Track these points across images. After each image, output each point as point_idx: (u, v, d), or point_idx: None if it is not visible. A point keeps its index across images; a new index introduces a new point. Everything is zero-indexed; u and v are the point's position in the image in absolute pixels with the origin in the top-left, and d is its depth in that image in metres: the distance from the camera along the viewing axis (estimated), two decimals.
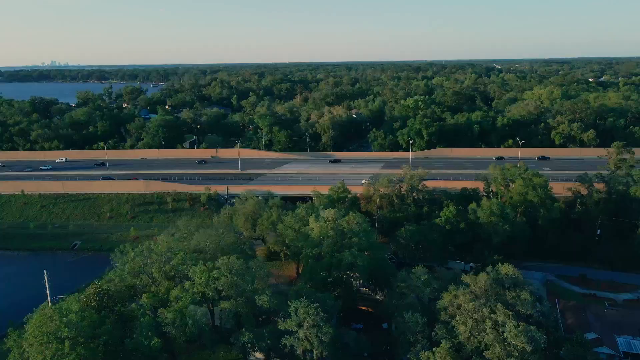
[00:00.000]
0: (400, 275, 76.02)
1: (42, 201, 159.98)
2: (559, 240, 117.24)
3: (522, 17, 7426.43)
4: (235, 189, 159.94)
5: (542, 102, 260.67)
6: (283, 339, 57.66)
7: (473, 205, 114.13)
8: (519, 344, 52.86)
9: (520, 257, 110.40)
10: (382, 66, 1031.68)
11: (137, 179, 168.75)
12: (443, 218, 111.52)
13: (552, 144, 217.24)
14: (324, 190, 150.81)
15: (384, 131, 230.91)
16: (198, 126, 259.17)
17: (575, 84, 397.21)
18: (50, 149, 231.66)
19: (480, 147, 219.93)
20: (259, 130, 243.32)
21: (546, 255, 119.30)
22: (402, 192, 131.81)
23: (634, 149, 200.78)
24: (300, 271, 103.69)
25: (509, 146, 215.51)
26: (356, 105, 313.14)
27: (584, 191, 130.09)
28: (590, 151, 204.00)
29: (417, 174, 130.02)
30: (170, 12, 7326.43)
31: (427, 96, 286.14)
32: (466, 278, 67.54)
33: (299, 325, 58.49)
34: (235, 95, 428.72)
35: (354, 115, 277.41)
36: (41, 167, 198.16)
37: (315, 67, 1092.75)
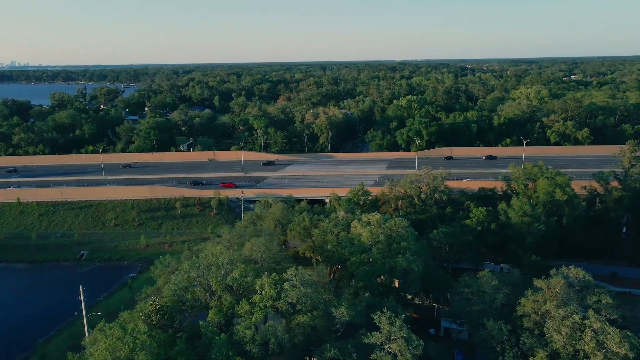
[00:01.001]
0: (462, 280, 74.16)
1: (40, 209, 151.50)
2: (584, 239, 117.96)
3: (488, 19, 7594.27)
4: (246, 193, 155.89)
5: (530, 101, 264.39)
6: (373, 353, 54.76)
7: (502, 205, 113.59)
8: (622, 352, 51.74)
9: (551, 256, 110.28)
10: (353, 66, 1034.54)
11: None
12: (474, 219, 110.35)
13: (547, 143, 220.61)
14: (341, 192, 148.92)
15: (382, 131, 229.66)
16: (186, 128, 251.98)
17: (553, 82, 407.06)
18: (34, 153, 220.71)
19: (479, 146, 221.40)
20: (253, 132, 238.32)
21: (570, 254, 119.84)
22: (423, 193, 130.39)
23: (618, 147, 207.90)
24: (334, 277, 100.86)
25: (507, 145, 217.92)
26: (346, 105, 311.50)
27: (599, 189, 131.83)
28: (585, 149, 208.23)
29: (439, 174, 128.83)
30: (135, 12, 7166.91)
31: (418, 95, 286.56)
32: (538, 282, 66.17)
33: (388, 339, 55.77)
34: (217, 96, 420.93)
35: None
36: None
37: (288, 67, 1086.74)
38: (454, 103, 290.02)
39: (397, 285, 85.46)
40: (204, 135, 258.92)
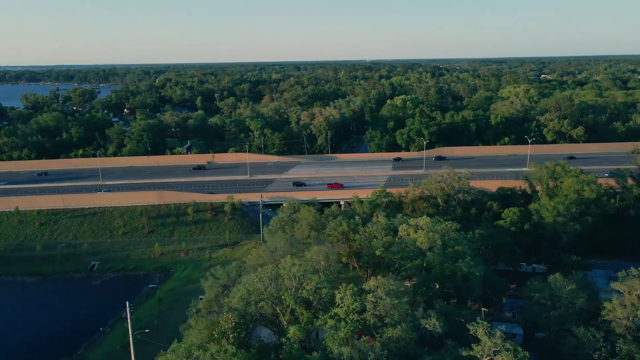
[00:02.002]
0: (531, 285, 72.55)
1: (41, 218, 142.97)
2: (610, 237, 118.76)
3: (456, 20, 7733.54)
4: (255, 197, 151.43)
5: (521, 100, 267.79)
6: None
7: (534, 205, 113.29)
8: None
9: (584, 255, 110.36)
10: (327, 65, 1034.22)
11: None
12: (507, 220, 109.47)
13: (543, 141, 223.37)
14: (355, 194, 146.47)
15: (380, 131, 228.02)
16: (178, 130, 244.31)
17: (536, 82, 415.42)
18: (20, 158, 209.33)
19: (477, 145, 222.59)
20: (250, 133, 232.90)
21: (595, 252, 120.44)
22: (445, 194, 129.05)
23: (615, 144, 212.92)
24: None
25: (505, 144, 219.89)
26: (337, 105, 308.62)
27: (616, 186, 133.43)
28: (581, 147, 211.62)
29: (463, 174, 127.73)
30: (99, 11, 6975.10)
31: (412, 95, 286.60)
32: (616, 285, 65.08)
33: (490, 351, 53.29)
34: (199, 97, 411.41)
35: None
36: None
37: (261, 67, 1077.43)
38: (446, 103, 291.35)
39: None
40: (195, 138, 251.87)
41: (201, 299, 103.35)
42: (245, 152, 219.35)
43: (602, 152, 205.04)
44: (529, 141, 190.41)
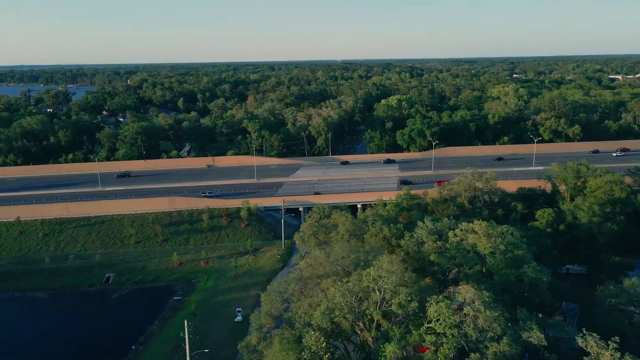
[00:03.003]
0: (608, 290, 71.05)
1: (44, 228, 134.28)
2: (634, 235, 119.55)
3: (425, 19, 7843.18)
4: (270, 201, 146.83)
5: (514, 100, 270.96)
6: None
7: (567, 205, 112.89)
8: None
9: (620, 255, 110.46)
10: (301, 65, 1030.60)
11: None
12: (543, 221, 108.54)
13: (541, 140, 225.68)
14: (370, 196, 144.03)
15: (380, 132, 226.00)
16: (172, 133, 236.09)
17: (519, 82, 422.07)
18: (4, 164, 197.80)
19: (477, 144, 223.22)
20: (247, 135, 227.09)
21: (621, 250, 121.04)
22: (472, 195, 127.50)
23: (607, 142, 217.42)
24: None
25: (504, 143, 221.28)
26: (327, 105, 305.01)
27: (633, 184, 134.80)
28: (578, 146, 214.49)
29: (489, 175, 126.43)
30: (61, 10, 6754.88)
31: (406, 95, 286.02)
32: None
33: None
34: (181, 98, 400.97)
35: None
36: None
37: (235, 67, 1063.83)
38: (439, 102, 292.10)
39: None
40: (188, 141, 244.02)
41: (239, 311, 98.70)
42: (244, 154, 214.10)
43: (604, 150, 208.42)
44: (535, 140, 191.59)
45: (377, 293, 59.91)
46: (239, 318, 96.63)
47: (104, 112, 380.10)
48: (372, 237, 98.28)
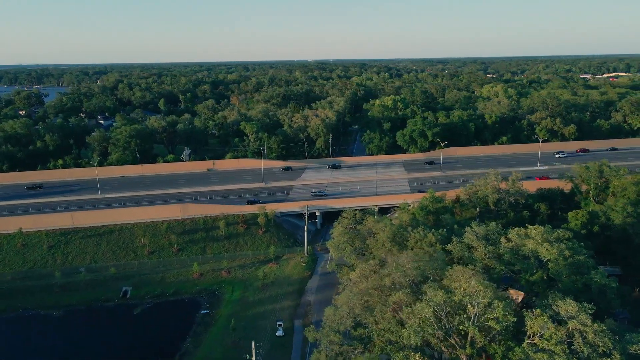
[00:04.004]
0: None
1: (49, 240, 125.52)
2: None
3: (397, 20, 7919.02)
4: (286, 206, 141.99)
5: (506, 100, 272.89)
6: None
7: (599, 206, 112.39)
8: None
9: None
10: (274, 65, 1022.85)
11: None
12: (578, 222, 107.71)
13: (536, 139, 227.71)
14: (385, 200, 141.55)
15: (379, 132, 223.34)
16: (165, 135, 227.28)
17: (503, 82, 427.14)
18: None
19: (476, 145, 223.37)
20: (244, 138, 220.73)
21: None
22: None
23: (615, 141, 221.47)
24: None
25: (502, 143, 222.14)
26: (319, 106, 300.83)
27: None
28: (575, 145, 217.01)
29: (515, 176, 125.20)
30: (26, 8, 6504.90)
31: (400, 95, 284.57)
32: None
33: None
34: (162, 99, 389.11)
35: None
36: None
37: (208, 67, 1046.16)
38: (431, 103, 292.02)
39: None
40: (181, 144, 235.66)
41: (280, 325, 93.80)
42: (242, 157, 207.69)
43: (598, 148, 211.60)
44: (540, 140, 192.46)
45: (472, 307, 56.50)
46: (280, 332, 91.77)
47: (81, 114, 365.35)
48: (416, 243, 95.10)
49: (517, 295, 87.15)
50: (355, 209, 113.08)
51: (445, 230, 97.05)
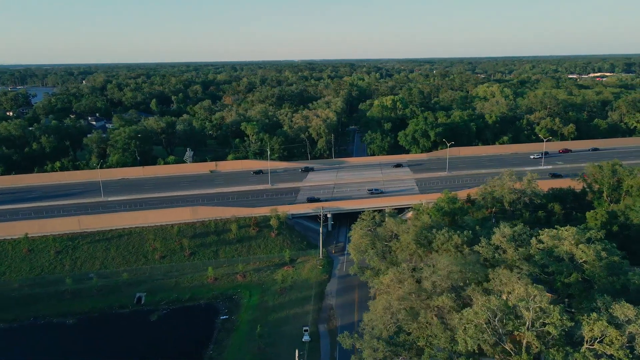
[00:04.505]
0: None
1: (56, 245, 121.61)
2: None
3: (382, 20, 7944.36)
4: (297, 208, 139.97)
5: (504, 99, 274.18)
6: None
7: (616, 206, 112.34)
8: None
9: None
10: (263, 65, 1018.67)
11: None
12: (598, 222, 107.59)
13: (537, 139, 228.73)
14: (400, 200, 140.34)
15: (380, 133, 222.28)
16: (164, 137, 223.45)
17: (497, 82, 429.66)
18: None
19: (477, 144, 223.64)
20: (245, 138, 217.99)
21: None
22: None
23: (597, 141, 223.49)
24: None
25: (503, 143, 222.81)
26: (316, 106, 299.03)
27: None
28: (573, 144, 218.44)
29: (530, 176, 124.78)
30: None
31: (399, 95, 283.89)
32: None
33: None
34: (154, 100, 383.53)
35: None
36: None
37: (194, 67, 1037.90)
38: (428, 103, 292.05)
39: None
40: (180, 145, 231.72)
41: (306, 330, 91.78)
42: (243, 158, 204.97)
43: (585, 149, 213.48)
44: (544, 140, 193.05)
45: (527, 312, 55.21)
46: (306, 338, 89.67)
47: (71, 115, 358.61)
48: (442, 245, 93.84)
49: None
50: (371, 210, 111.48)
51: (470, 231, 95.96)
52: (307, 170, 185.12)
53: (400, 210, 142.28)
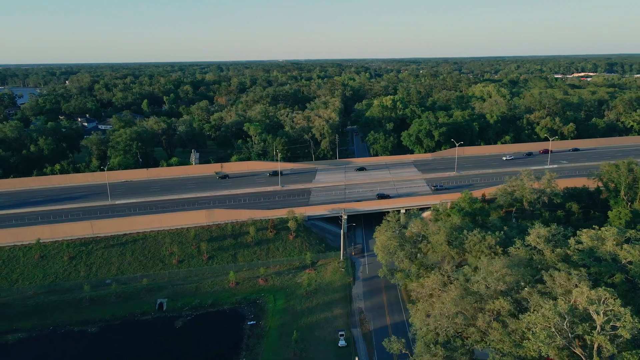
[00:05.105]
0: None
1: (69, 250, 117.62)
2: None
3: (365, 20, 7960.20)
4: (313, 210, 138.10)
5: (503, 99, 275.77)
6: None
7: (623, 204, 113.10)
8: None
9: None
10: (249, 65, 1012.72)
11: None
12: (622, 221, 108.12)
13: (538, 138, 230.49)
14: (415, 201, 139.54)
15: (383, 133, 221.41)
16: (165, 138, 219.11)
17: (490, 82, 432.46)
18: None
19: (480, 144, 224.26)
20: (248, 139, 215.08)
21: None
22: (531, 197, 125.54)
23: (592, 140, 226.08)
24: None
25: (505, 142, 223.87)
26: (314, 106, 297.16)
27: None
28: (573, 143, 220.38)
29: (549, 176, 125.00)
30: None
31: (398, 95, 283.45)
32: None
33: None
34: (145, 100, 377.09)
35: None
36: None
37: (180, 67, 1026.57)
38: (425, 102, 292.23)
39: None
40: (179, 147, 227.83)
41: (341, 335, 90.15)
42: (247, 159, 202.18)
43: (597, 146, 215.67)
44: (550, 139, 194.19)
45: (599, 316, 54.34)
46: (342, 342, 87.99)
47: (60, 117, 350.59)
48: (474, 246, 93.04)
49: None
50: (394, 212, 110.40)
51: (501, 232, 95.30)
52: (361, 169, 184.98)
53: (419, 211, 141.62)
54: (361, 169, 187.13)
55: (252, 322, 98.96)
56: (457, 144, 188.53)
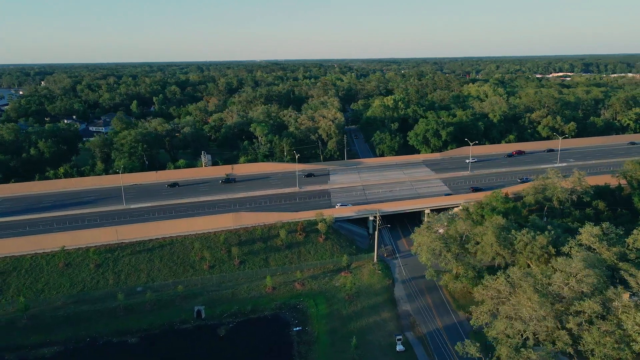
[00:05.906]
0: None
1: (95, 258, 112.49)
2: None
3: (345, 20, 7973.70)
4: (340, 212, 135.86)
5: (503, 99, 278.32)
6: None
7: None
8: None
9: None
10: (231, 66, 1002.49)
11: None
12: None
13: (539, 137, 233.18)
14: (434, 202, 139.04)
15: (389, 133, 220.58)
16: (168, 140, 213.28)
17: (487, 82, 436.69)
18: None
19: (485, 143, 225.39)
20: (254, 140, 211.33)
21: None
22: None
23: (590, 138, 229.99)
24: None
25: (509, 141, 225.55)
26: (311, 106, 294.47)
27: None
28: (574, 142, 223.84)
29: (578, 175, 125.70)
30: None
31: (398, 95, 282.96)
32: None
33: None
34: (135, 101, 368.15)
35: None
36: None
37: (159, 67, 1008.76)
38: (424, 102, 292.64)
39: None
40: (180, 149, 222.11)
41: (399, 340, 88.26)
42: (253, 160, 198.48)
43: (596, 145, 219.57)
44: (560, 138, 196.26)
45: None
46: (400, 347, 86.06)
47: (46, 118, 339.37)
48: (526, 246, 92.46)
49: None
50: (431, 212, 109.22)
51: (552, 232, 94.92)
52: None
53: (438, 211, 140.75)
54: (373, 168, 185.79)
55: (298, 328, 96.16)
56: (470, 144, 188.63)
